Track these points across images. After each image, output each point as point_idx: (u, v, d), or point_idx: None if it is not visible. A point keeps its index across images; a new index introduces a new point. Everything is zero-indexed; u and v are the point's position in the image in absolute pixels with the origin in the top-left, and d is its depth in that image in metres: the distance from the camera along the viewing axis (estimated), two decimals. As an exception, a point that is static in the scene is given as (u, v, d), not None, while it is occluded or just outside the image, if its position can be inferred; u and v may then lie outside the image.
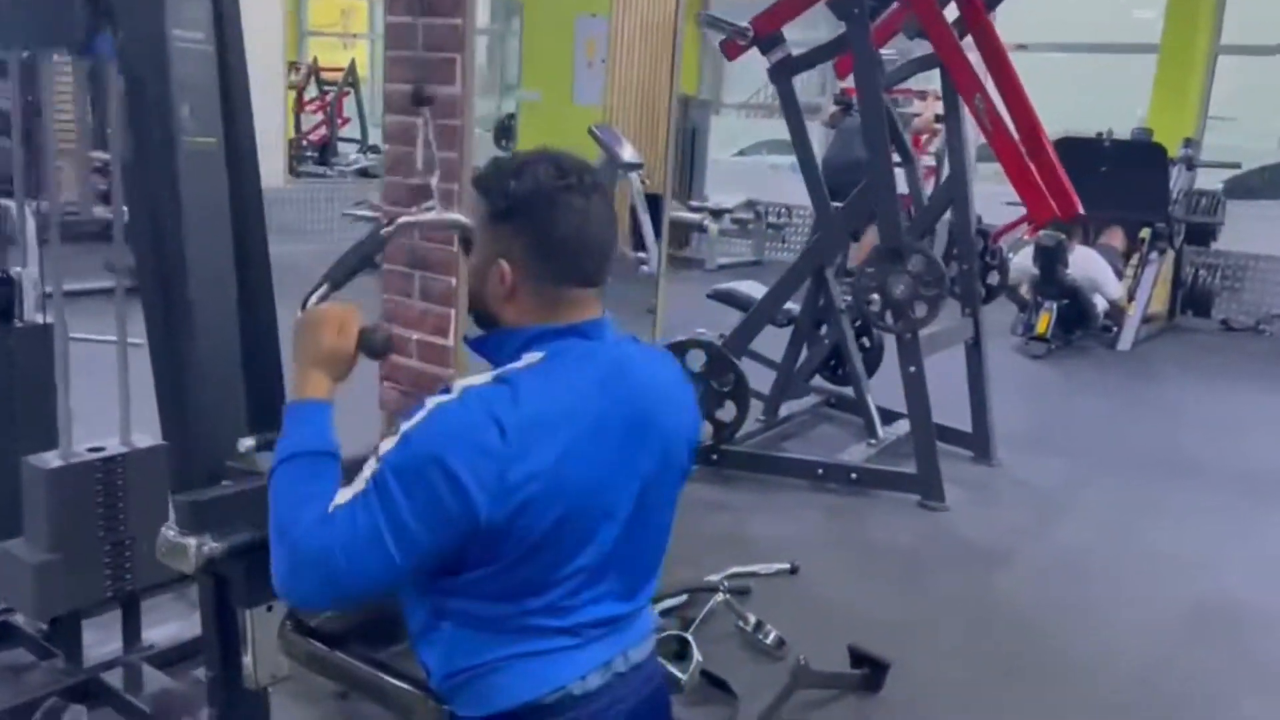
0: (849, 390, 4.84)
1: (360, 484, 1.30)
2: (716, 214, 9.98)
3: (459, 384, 1.35)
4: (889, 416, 4.61)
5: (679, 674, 2.63)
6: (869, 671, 2.71)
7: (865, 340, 4.90)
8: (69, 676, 2.42)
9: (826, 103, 9.20)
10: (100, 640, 2.55)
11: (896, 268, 3.90)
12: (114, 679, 2.44)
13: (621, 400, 1.42)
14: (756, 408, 4.77)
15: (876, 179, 3.96)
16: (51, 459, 2.33)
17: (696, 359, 4.13)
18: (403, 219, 1.90)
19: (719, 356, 4.09)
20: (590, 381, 1.39)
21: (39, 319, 2.61)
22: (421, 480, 1.27)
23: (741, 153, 12.36)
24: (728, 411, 4.15)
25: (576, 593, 1.43)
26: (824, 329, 4.65)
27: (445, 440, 1.29)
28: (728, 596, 2.98)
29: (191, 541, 1.85)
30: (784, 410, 4.93)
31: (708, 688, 2.63)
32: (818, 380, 5.04)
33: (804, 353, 4.74)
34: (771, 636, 2.86)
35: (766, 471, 4.24)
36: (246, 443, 2.04)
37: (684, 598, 3.06)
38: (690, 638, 2.76)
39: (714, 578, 3.19)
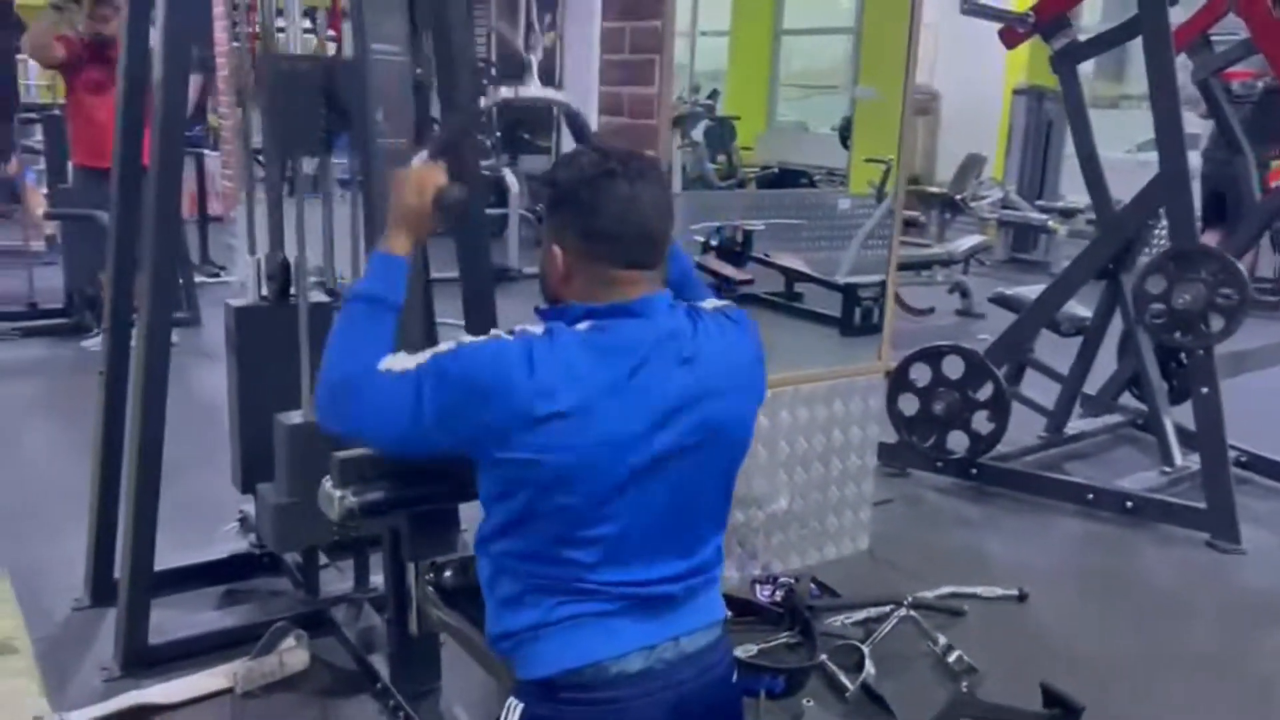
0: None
1: (411, 363, 1.48)
2: (1067, 214, 9.29)
3: (520, 326, 1.49)
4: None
5: (847, 684, 2.57)
6: (1059, 714, 2.47)
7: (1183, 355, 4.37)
8: (303, 605, 2.81)
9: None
10: (342, 579, 2.94)
11: (1187, 274, 3.48)
12: (339, 614, 2.79)
13: (658, 375, 1.46)
14: (1036, 422, 4.45)
15: (1166, 171, 3.54)
16: (294, 416, 2.70)
17: (953, 366, 3.93)
18: (502, 92, 1.96)
19: (976, 364, 3.86)
20: (626, 352, 1.45)
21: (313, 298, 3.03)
22: (454, 391, 1.44)
23: (1139, 148, 11.20)
24: (985, 423, 3.91)
25: (608, 559, 1.49)
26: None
27: (485, 365, 1.43)
28: (913, 614, 2.84)
29: (335, 493, 2.10)
30: (1078, 427, 4.55)
31: (869, 703, 2.53)
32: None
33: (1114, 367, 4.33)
34: (960, 662, 2.70)
35: (1028, 491, 3.94)
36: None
37: (883, 609, 2.95)
38: (865, 649, 2.68)
39: (927, 594, 3.05)
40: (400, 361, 1.50)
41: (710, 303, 1.62)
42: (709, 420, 1.50)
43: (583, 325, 1.48)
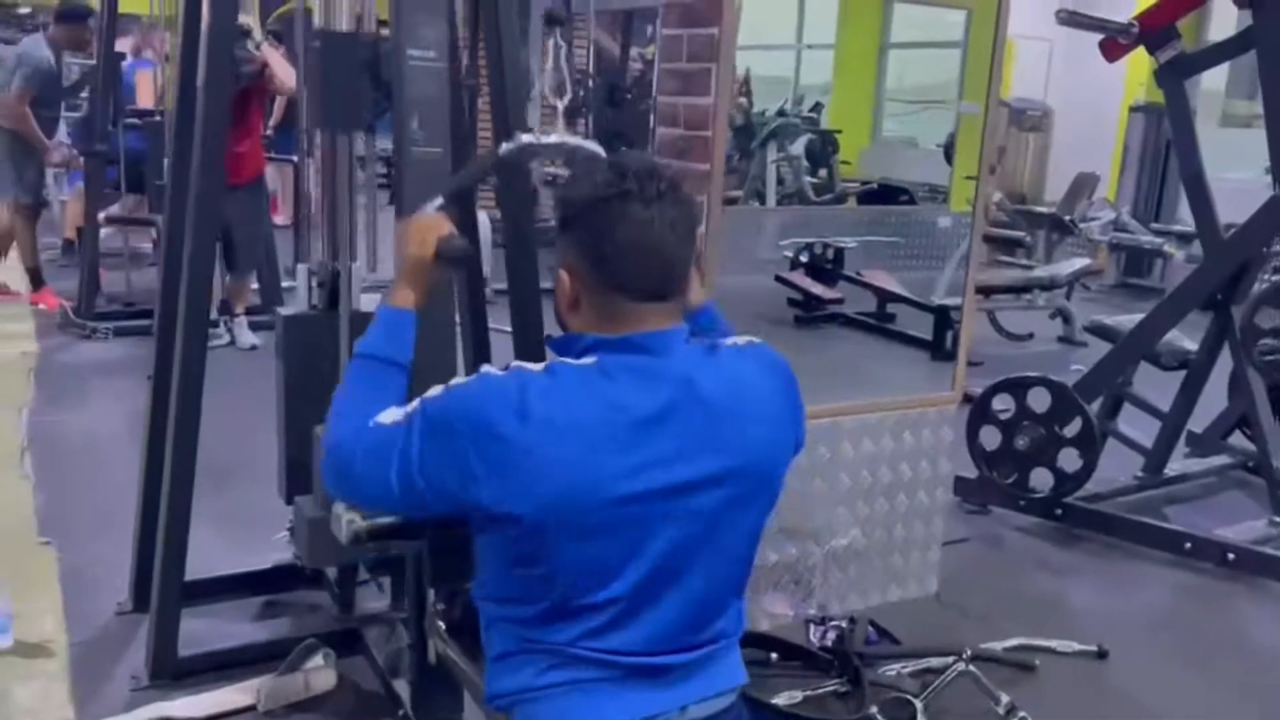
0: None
1: (401, 415, 1.38)
2: (1185, 239, 8.79)
3: (515, 364, 1.36)
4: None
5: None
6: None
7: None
8: (336, 623, 2.76)
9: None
10: (380, 597, 2.87)
11: (1301, 308, 3.18)
12: (370, 633, 2.72)
13: (670, 423, 1.32)
14: (1132, 461, 4.16)
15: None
16: (331, 429, 2.65)
17: (1039, 399, 3.68)
18: (524, 138, 1.88)
19: (1064, 398, 3.61)
20: (634, 396, 1.31)
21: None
22: (439, 437, 1.33)
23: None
24: (1073, 461, 3.65)
25: (611, 626, 1.36)
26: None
27: (472, 409, 1.31)
28: (971, 668, 2.63)
29: (344, 515, 2.02)
30: (1180, 468, 4.23)
31: (916, 764, 2.35)
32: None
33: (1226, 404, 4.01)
34: (1023, 725, 2.48)
35: (1119, 536, 3.66)
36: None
37: (945, 660, 2.74)
38: (918, 704, 2.49)
39: (995, 645, 2.84)
40: (392, 414, 1.40)
41: (731, 340, 1.48)
42: (728, 472, 1.37)
43: (588, 360, 1.36)
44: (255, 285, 5.77)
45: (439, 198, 1.75)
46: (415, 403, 1.38)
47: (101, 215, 5.96)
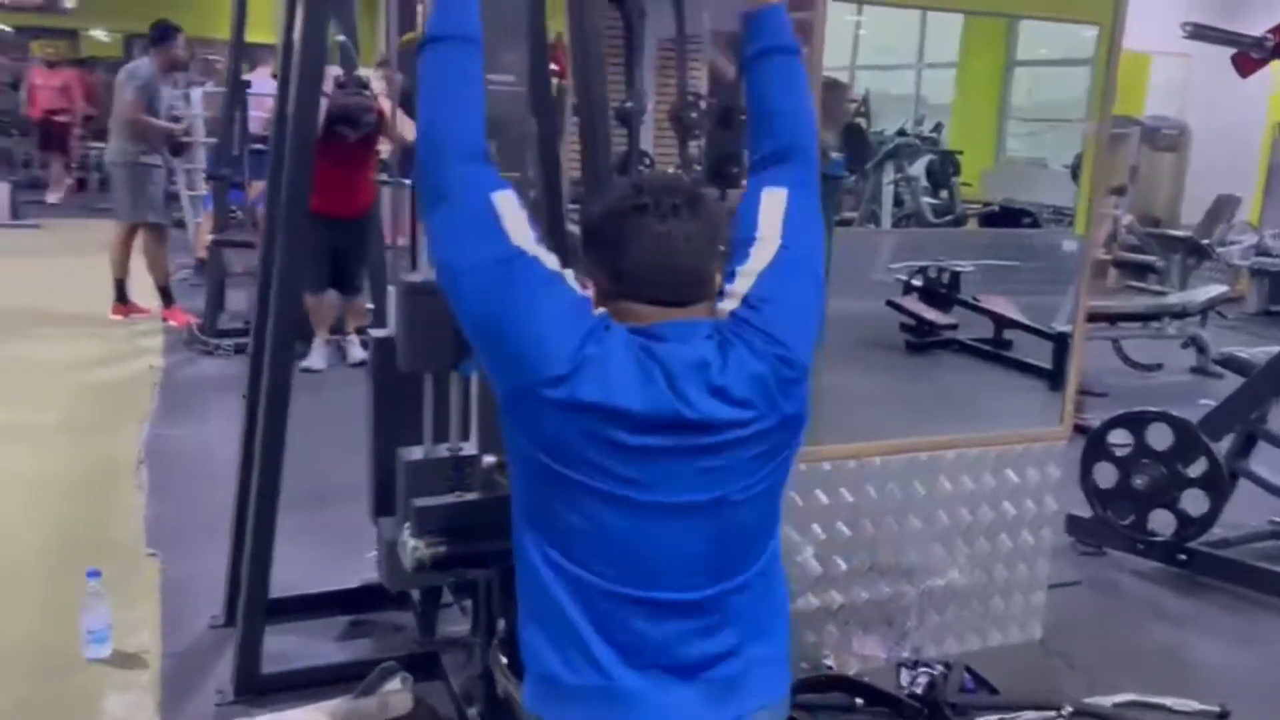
0: None
1: (522, 230, 1.36)
2: (1333, 268, 8.24)
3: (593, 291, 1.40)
4: None
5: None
6: None
7: None
8: (418, 645, 2.75)
9: None
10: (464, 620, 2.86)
11: None
12: (449, 658, 2.70)
13: (688, 393, 1.32)
14: (1267, 504, 3.86)
15: None
16: (415, 452, 2.65)
17: (1159, 435, 3.45)
18: None
19: (1187, 435, 3.37)
20: (659, 364, 1.32)
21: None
22: (519, 304, 1.32)
23: None
24: (1198, 503, 3.41)
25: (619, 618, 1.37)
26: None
27: (559, 313, 1.32)
28: None
29: (409, 542, 2.01)
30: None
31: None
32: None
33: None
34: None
35: (1249, 585, 3.40)
36: (488, 459, 2.16)
37: (1045, 715, 2.58)
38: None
39: (1101, 700, 2.65)
40: (512, 216, 1.36)
41: (733, 298, 1.43)
42: (721, 471, 1.36)
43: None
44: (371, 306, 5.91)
45: None
46: (531, 239, 1.36)
47: (208, 237, 6.20)
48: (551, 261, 1.36)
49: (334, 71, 5.01)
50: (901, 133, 10.53)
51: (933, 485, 2.81)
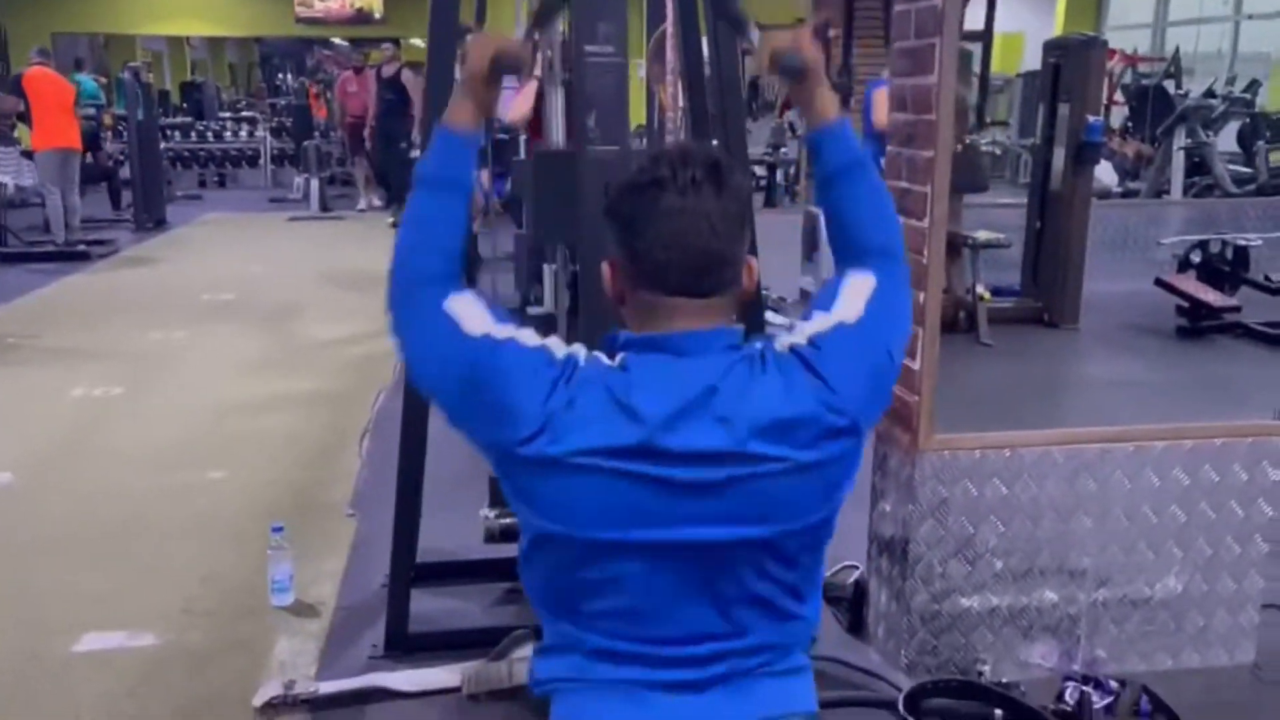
0: None
1: (476, 326, 1.27)
2: None
3: (579, 347, 1.29)
4: None
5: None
6: None
7: None
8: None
9: None
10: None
11: None
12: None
13: (680, 434, 1.20)
14: None
15: None
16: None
17: None
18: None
19: None
20: (645, 401, 1.20)
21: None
22: (479, 389, 1.24)
23: None
24: None
25: (615, 635, 1.29)
26: None
27: (511, 380, 1.23)
28: None
29: (483, 512, 2.05)
30: None
31: None
32: None
33: None
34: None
35: None
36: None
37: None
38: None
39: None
40: (467, 312, 1.29)
41: (800, 335, 1.29)
42: (739, 495, 1.21)
43: (617, 359, 1.26)
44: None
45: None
46: (486, 325, 1.27)
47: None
48: (524, 336, 1.27)
49: None
50: (1210, 93, 9.45)
51: (1107, 480, 2.51)
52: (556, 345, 1.28)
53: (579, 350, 1.27)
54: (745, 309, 1.35)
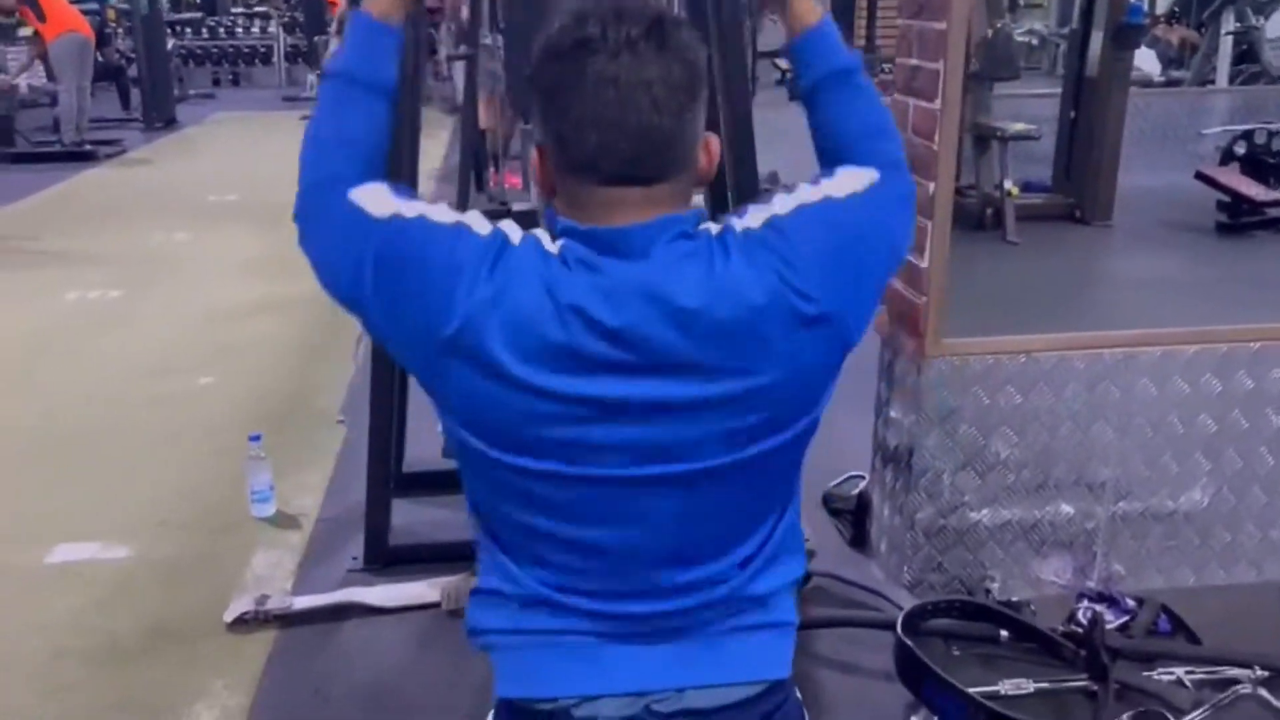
0: None
1: (384, 209, 1.07)
2: None
3: (506, 222, 1.07)
4: None
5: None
6: None
7: None
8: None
9: None
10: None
11: None
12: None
13: (635, 336, 1.01)
14: None
15: None
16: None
17: None
18: None
19: None
20: (592, 304, 1.01)
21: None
22: (397, 271, 1.05)
23: None
24: None
25: (564, 570, 1.11)
26: None
27: (432, 258, 1.03)
28: (1259, 690, 1.95)
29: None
30: None
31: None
32: None
33: None
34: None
35: None
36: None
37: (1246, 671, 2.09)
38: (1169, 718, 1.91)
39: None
40: (374, 198, 1.09)
41: (761, 214, 1.06)
42: (703, 401, 1.03)
43: (557, 246, 1.05)
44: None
45: None
46: (394, 206, 1.07)
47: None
48: (435, 212, 1.06)
49: None
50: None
51: (1131, 387, 2.31)
52: (477, 221, 1.06)
53: (509, 228, 1.06)
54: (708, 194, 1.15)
